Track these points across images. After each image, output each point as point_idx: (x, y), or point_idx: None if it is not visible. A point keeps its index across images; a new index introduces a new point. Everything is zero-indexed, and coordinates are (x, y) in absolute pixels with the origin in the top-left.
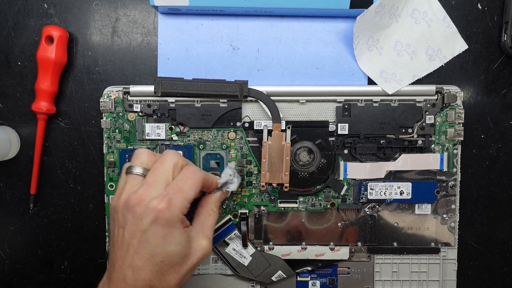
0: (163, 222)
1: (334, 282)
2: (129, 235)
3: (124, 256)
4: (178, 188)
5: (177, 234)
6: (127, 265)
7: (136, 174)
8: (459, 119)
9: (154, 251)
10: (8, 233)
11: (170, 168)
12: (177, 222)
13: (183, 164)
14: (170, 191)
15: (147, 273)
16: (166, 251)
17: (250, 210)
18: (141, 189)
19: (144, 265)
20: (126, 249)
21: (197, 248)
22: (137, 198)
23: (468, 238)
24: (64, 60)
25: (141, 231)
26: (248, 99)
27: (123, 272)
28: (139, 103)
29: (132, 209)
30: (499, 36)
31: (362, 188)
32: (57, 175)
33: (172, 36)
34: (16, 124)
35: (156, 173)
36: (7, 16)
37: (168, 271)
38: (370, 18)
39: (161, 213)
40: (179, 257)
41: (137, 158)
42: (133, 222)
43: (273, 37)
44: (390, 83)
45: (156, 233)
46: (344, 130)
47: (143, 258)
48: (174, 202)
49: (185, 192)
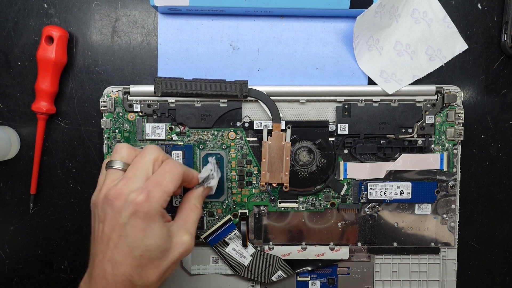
0: (142, 215)
1: (334, 282)
2: (108, 229)
3: (104, 250)
4: (157, 181)
5: (156, 227)
6: (106, 260)
7: (116, 169)
8: (459, 119)
9: (133, 245)
10: (8, 233)
11: (150, 163)
12: (156, 215)
13: (164, 159)
14: (149, 184)
15: (126, 267)
16: (145, 245)
17: (250, 210)
18: (121, 183)
19: (123, 259)
20: (106, 244)
21: (178, 243)
22: (116, 192)
23: (468, 238)
24: (64, 60)
25: (120, 224)
26: (248, 99)
27: (103, 267)
28: (139, 103)
29: (111, 203)
30: (499, 36)
31: (362, 188)
32: (57, 175)
33: (172, 36)
34: (16, 124)
35: (135, 167)
36: (7, 16)
37: (148, 266)
38: (370, 18)
39: (139, 206)
40: (158, 252)
41: (117, 153)
42: (112, 216)
43: (273, 37)
44: (390, 83)
45: (135, 227)
46: (344, 130)
47: (122, 253)
48: (153, 195)
49: (164, 185)
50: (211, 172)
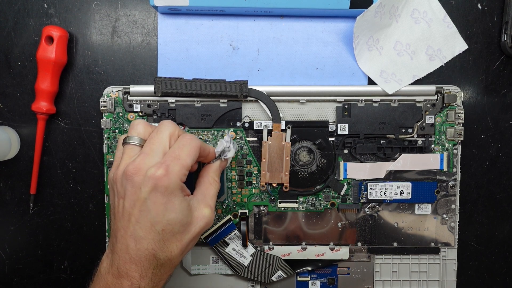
0: (162, 190)
1: (334, 282)
2: (129, 205)
3: (126, 226)
4: (175, 155)
5: (177, 201)
6: (129, 235)
7: (133, 145)
8: (459, 119)
9: (155, 220)
10: (8, 233)
11: (167, 137)
12: (176, 189)
13: (180, 133)
14: (167, 158)
15: (149, 242)
16: (167, 219)
17: (250, 210)
18: (139, 158)
19: (145, 234)
20: (127, 219)
21: (198, 217)
22: (135, 167)
23: (468, 238)
24: (64, 60)
25: (141, 200)
26: (248, 99)
27: (125, 243)
28: (139, 103)
29: (131, 179)
30: (499, 36)
31: (362, 188)
32: (57, 175)
33: (172, 36)
34: (16, 124)
35: (153, 143)
36: (7, 16)
37: (170, 240)
38: (370, 18)
39: (159, 181)
40: (180, 225)
41: (134, 129)
42: (132, 191)
43: (273, 37)
44: (390, 83)
45: (156, 201)
46: (344, 130)
47: (144, 228)
48: (171, 169)
49: (182, 159)
50: (227, 145)
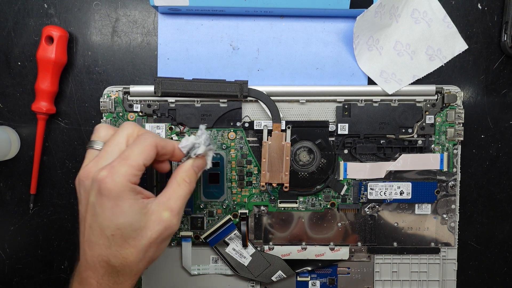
0: (106, 193)
1: (334, 282)
2: (83, 209)
3: (82, 231)
4: (124, 155)
5: (126, 205)
6: (85, 240)
7: (94, 149)
8: (459, 119)
9: (103, 224)
10: (8, 233)
11: (124, 139)
12: (123, 191)
13: (140, 133)
14: (115, 160)
15: (101, 247)
16: (115, 224)
17: (250, 210)
18: (92, 162)
19: (97, 239)
20: (83, 225)
21: (155, 221)
22: (85, 171)
23: (468, 238)
24: (64, 60)
25: (90, 204)
26: (248, 99)
27: (83, 248)
28: (139, 103)
29: (82, 183)
30: (499, 36)
31: (362, 188)
32: (57, 175)
33: (172, 36)
34: (16, 124)
35: (108, 145)
36: (7, 16)
37: (122, 245)
38: (370, 18)
39: (102, 183)
40: (131, 230)
41: (95, 133)
42: (84, 196)
43: (273, 37)
44: (390, 83)
45: (102, 205)
46: (344, 130)
47: (96, 233)
48: (116, 170)
49: (131, 159)
50: (197, 141)
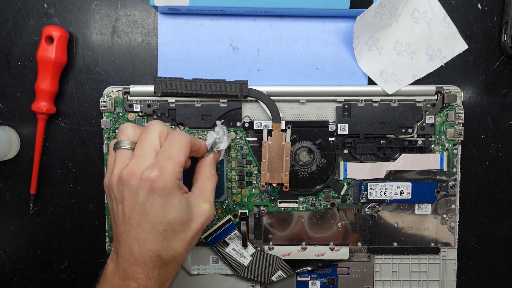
0: (159, 191)
1: (334, 282)
2: (128, 209)
3: (127, 230)
4: (167, 154)
5: (175, 201)
6: (131, 238)
7: (124, 149)
8: (459, 119)
9: (155, 221)
10: (8, 233)
11: (157, 137)
12: (173, 188)
13: (169, 131)
14: (160, 159)
15: (152, 243)
16: (167, 220)
17: (250, 210)
18: (132, 162)
19: (148, 236)
20: (128, 223)
21: (198, 213)
22: (129, 171)
23: (468, 238)
24: (64, 60)
25: (139, 203)
26: (248, 99)
27: (129, 246)
28: (139, 103)
29: (127, 183)
30: (499, 36)
31: (362, 188)
32: (57, 175)
33: (172, 36)
34: (16, 124)
35: (143, 144)
36: (7, 16)
37: (173, 239)
38: (370, 18)
39: (155, 182)
40: (180, 224)
41: (123, 133)
42: (130, 196)
43: (273, 37)
44: (390, 83)
45: (154, 203)
46: (344, 130)
47: (146, 230)
48: (165, 169)
49: (175, 157)
50: (217, 136)
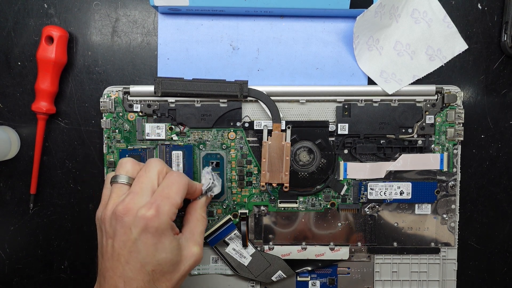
0: (153, 230)
1: (334, 282)
2: (118, 245)
3: (115, 266)
4: (165, 194)
5: (167, 242)
6: (118, 276)
7: (121, 184)
8: (459, 119)
9: (145, 261)
10: (8, 233)
11: (155, 176)
12: (166, 229)
13: (167, 171)
14: (157, 198)
15: (139, 283)
16: (157, 260)
17: (250, 210)
18: (128, 198)
19: (135, 275)
20: (116, 260)
21: (188, 255)
22: (124, 207)
23: (468, 238)
24: (64, 60)
25: (131, 240)
26: (248, 99)
27: (114, 283)
28: (139, 103)
29: (121, 219)
30: (499, 36)
31: (362, 188)
32: (57, 175)
33: (172, 36)
34: (16, 124)
35: (141, 181)
36: (7, 16)
37: (160, 280)
38: (370, 18)
39: (150, 221)
40: (170, 265)
41: (122, 168)
42: (122, 232)
43: (273, 37)
44: (390, 83)
45: (146, 242)
46: (344, 130)
47: (134, 268)
48: (162, 209)
49: (172, 198)
50: (211, 181)
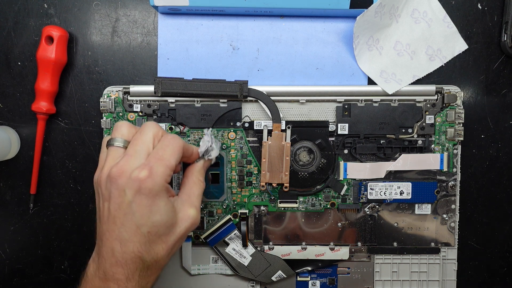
0: (146, 192)
1: (334, 282)
2: (114, 208)
3: (111, 229)
4: (159, 156)
5: (162, 203)
6: (114, 238)
7: (117, 147)
8: (459, 119)
9: (140, 222)
10: (8, 233)
11: (150, 138)
12: (161, 191)
13: (163, 134)
14: (151, 160)
15: (135, 244)
16: (152, 221)
17: (250, 210)
18: (122, 160)
19: (131, 237)
20: (112, 222)
21: (183, 218)
22: (118, 169)
23: (468, 238)
24: (64, 60)
25: (125, 203)
26: (248, 99)
27: (111, 246)
28: (139, 103)
29: (115, 181)
30: (499, 36)
31: (362, 188)
32: (57, 175)
33: (172, 36)
34: (16, 124)
35: (136, 144)
36: (7, 16)
37: (156, 242)
38: (370, 18)
39: (143, 183)
40: (165, 227)
41: (117, 131)
42: (116, 194)
43: (273, 37)
44: (390, 83)
45: (140, 204)
46: (344, 130)
47: (129, 230)
48: (155, 171)
49: (166, 160)
50: (209, 144)
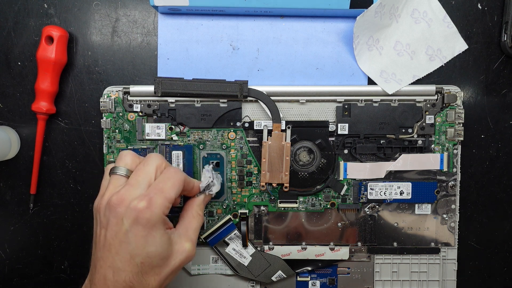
0: (143, 222)
1: (334, 282)
2: (110, 235)
3: (105, 257)
4: (159, 188)
5: (158, 235)
6: (107, 266)
7: (119, 175)
8: (459, 119)
9: (134, 252)
10: (8, 233)
11: (153, 170)
12: (158, 222)
13: (166, 166)
14: (151, 191)
15: (127, 274)
16: (146, 252)
17: (250, 210)
18: (123, 189)
19: (124, 266)
20: (107, 250)
21: (179, 251)
22: (118, 198)
23: (468, 238)
24: (64, 60)
25: (122, 231)
26: (248, 99)
27: (104, 273)
28: (139, 103)
29: (114, 209)
30: (499, 36)
31: (362, 188)
32: (57, 175)
33: (172, 36)
34: (16, 124)
35: (138, 174)
36: (7, 16)
37: (148, 273)
38: (370, 18)
39: (141, 213)
40: (159, 259)
41: (121, 160)
42: (114, 222)
43: (273, 37)
44: (390, 83)
45: (137, 234)
46: (344, 130)
47: (123, 259)
48: (154, 202)
49: (166, 192)
50: (211, 180)
